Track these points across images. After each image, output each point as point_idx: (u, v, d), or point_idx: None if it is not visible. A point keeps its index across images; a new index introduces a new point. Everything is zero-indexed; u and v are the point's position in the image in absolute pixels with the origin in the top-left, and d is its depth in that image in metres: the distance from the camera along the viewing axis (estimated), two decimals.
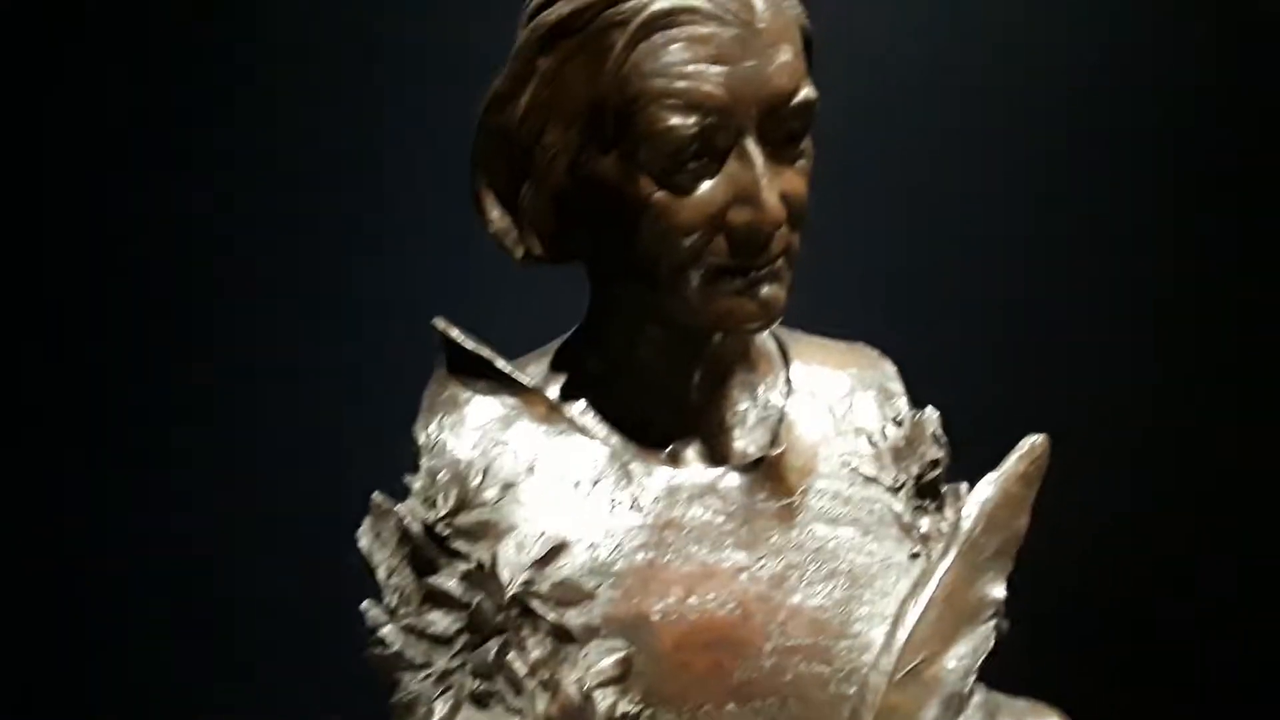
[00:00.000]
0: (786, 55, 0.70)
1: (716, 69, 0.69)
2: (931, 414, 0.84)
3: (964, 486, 0.81)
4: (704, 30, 0.69)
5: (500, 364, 0.81)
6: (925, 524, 0.80)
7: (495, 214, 0.79)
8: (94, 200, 1.40)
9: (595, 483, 0.78)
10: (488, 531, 0.75)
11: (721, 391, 0.82)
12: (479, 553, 0.74)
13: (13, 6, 1.37)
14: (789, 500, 0.79)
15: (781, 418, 0.82)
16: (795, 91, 0.71)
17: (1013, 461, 0.80)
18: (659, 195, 0.71)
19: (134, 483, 1.42)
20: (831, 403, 0.84)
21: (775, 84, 0.70)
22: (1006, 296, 1.48)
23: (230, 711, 1.33)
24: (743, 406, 0.83)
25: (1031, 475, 0.81)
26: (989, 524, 0.79)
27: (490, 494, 0.76)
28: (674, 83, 0.69)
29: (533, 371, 0.82)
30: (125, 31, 1.39)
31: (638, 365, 0.80)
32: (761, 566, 0.76)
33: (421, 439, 0.79)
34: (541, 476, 0.78)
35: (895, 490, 0.81)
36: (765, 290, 0.73)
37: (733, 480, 0.79)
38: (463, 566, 0.74)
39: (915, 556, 0.79)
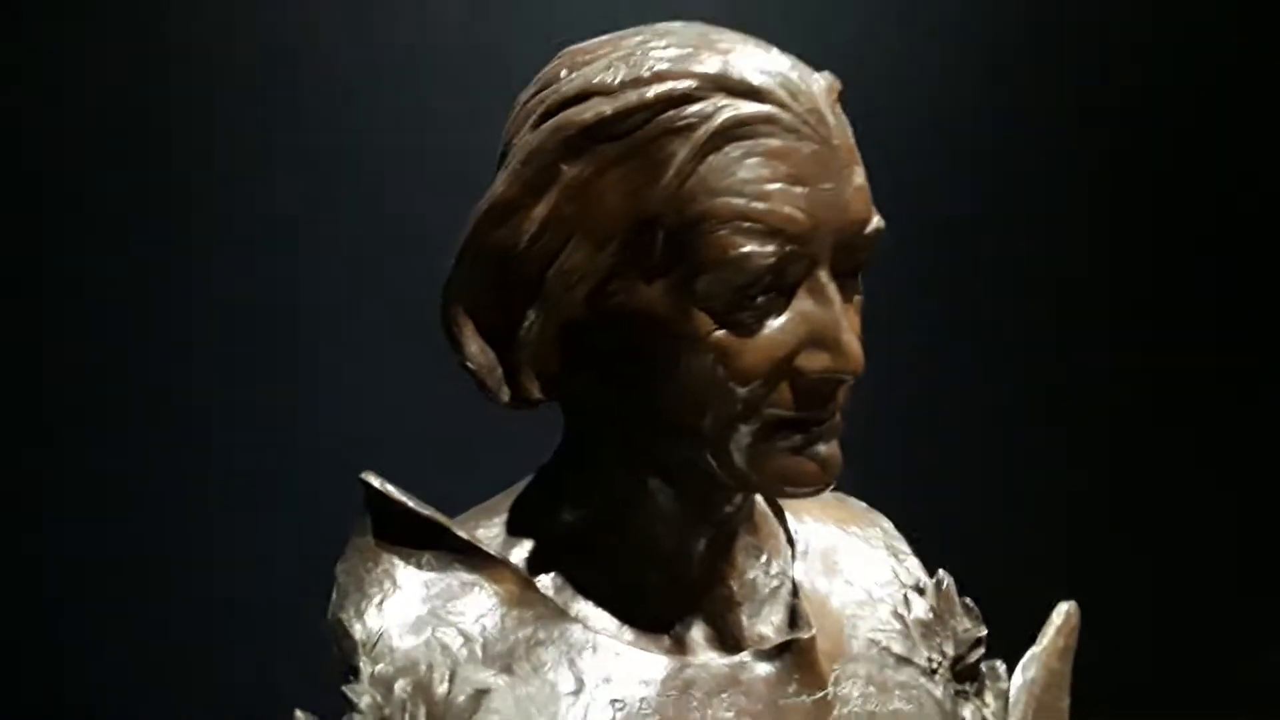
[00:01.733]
0: (860, 178, 0.62)
1: (798, 190, 0.59)
2: (951, 581, 0.75)
3: (1000, 665, 0.73)
4: (782, 144, 0.59)
5: (461, 533, 0.67)
6: (968, 712, 0.70)
7: (475, 348, 0.65)
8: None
9: (590, 681, 0.64)
10: None
11: (727, 559, 0.69)
12: None
13: None
14: (823, 693, 0.67)
15: (796, 589, 0.71)
16: (869, 219, 0.62)
17: (1051, 636, 0.73)
18: (719, 335, 0.60)
19: None
20: (844, 568, 0.74)
21: (853, 210, 0.61)
22: None
23: None
24: (750, 575, 0.70)
25: (1069, 648, 0.74)
26: (1038, 708, 0.71)
27: (461, 705, 0.62)
28: (752, 203, 0.59)
29: (483, 535, 0.68)
30: None
31: (632, 527, 0.67)
32: None
33: (357, 632, 0.63)
34: (521, 677, 0.63)
35: (931, 673, 0.71)
36: (824, 448, 0.63)
37: (756, 670, 0.66)
38: None
39: None
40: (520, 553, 0.68)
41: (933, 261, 1.68)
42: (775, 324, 0.60)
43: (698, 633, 0.67)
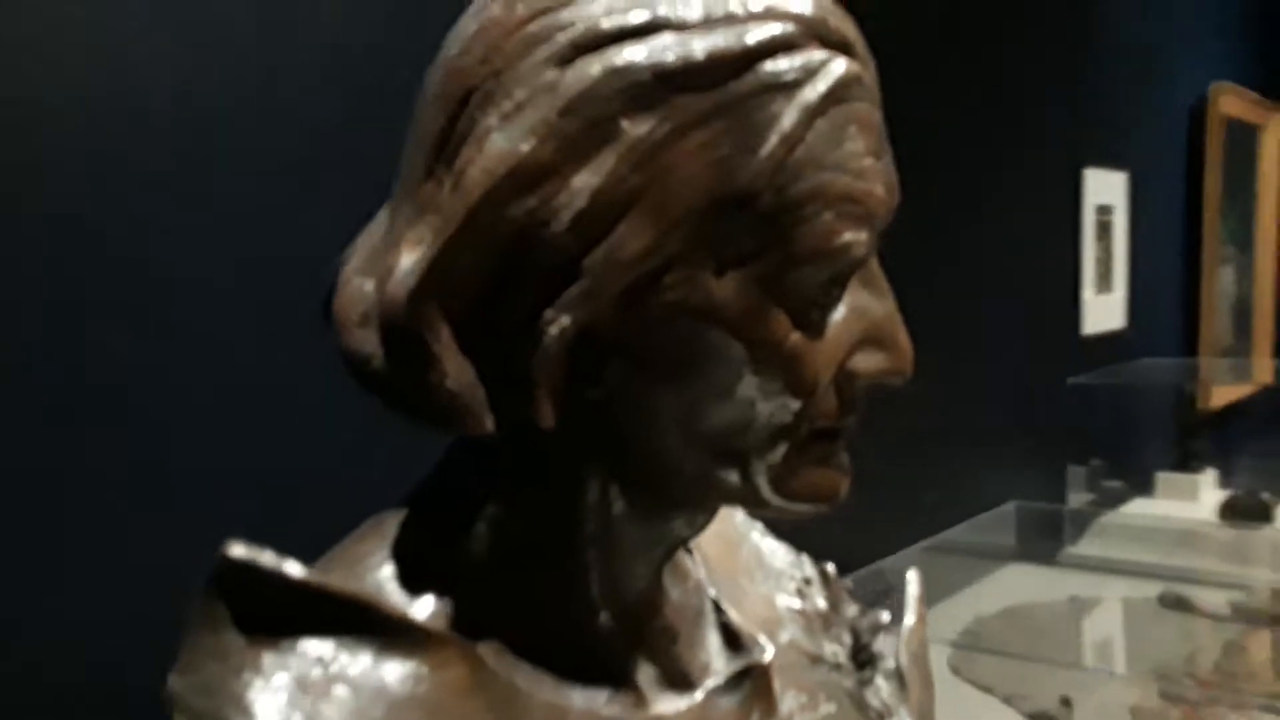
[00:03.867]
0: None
1: (880, 165, 0.50)
2: (834, 569, 0.72)
3: (885, 646, 0.71)
4: (866, 110, 0.49)
5: (391, 610, 0.50)
6: (874, 698, 0.68)
7: (454, 365, 0.47)
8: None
9: None
10: None
11: (658, 583, 0.58)
12: None
13: None
14: (778, 717, 0.59)
15: (718, 605, 0.62)
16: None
17: (915, 606, 0.73)
18: (794, 339, 0.49)
19: None
20: (741, 568, 0.66)
21: (897, 186, 0.52)
22: None
23: None
24: (675, 597, 0.59)
25: (925, 614, 0.74)
26: (924, 681, 0.71)
27: None
28: (855, 183, 0.48)
29: (350, 586, 0.51)
30: None
31: (583, 566, 0.54)
32: None
33: None
34: None
35: (838, 667, 0.67)
36: (845, 455, 0.54)
37: (720, 707, 0.57)
38: None
39: None
40: (433, 615, 0.52)
41: None
42: (835, 322, 0.51)
43: (647, 674, 0.57)
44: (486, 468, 0.54)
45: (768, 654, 0.59)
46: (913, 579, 0.73)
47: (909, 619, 0.71)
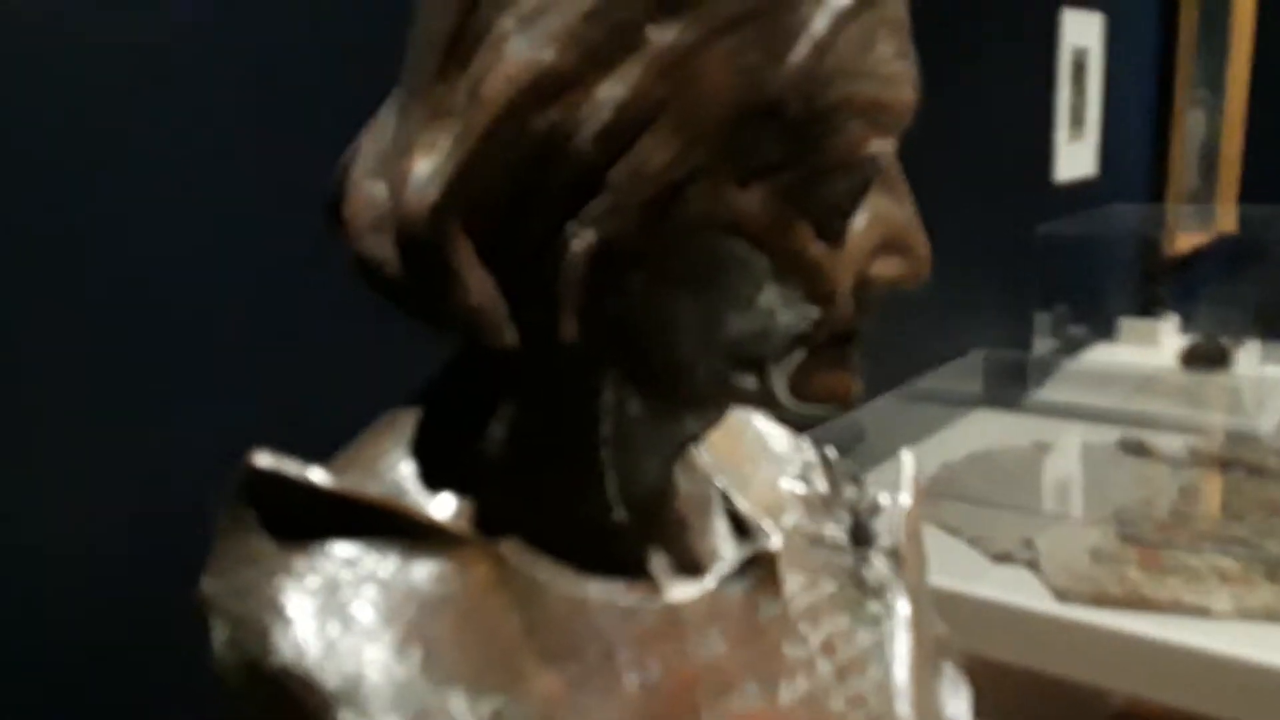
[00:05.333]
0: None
1: (908, 67, 0.48)
2: (834, 451, 0.73)
3: (876, 525, 0.73)
4: (894, 11, 0.48)
5: (416, 514, 0.51)
6: (870, 576, 0.70)
7: (476, 279, 0.47)
8: None
9: (593, 659, 0.53)
10: None
11: (669, 476, 0.60)
12: None
13: None
14: (782, 599, 0.62)
15: (725, 494, 0.63)
16: None
17: (911, 485, 0.74)
18: (815, 250, 0.48)
19: None
20: (744, 455, 0.67)
21: (918, 86, 0.50)
22: None
23: None
24: (684, 487, 0.61)
25: (920, 492, 0.76)
26: (915, 559, 0.73)
27: None
28: (884, 89, 0.47)
29: (370, 488, 0.52)
30: None
31: (598, 463, 0.55)
32: (790, 693, 0.60)
33: (328, 681, 0.46)
34: (528, 679, 0.51)
35: (838, 547, 0.70)
36: (856, 358, 0.54)
37: (731, 592, 0.59)
38: None
39: (878, 617, 0.69)
40: (454, 513, 0.53)
41: None
42: (855, 229, 0.50)
43: (660, 563, 0.59)
44: (502, 370, 0.54)
45: (774, 541, 0.61)
46: (908, 460, 0.75)
47: (905, 499, 0.73)
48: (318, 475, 0.50)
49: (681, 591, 0.58)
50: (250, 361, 1.02)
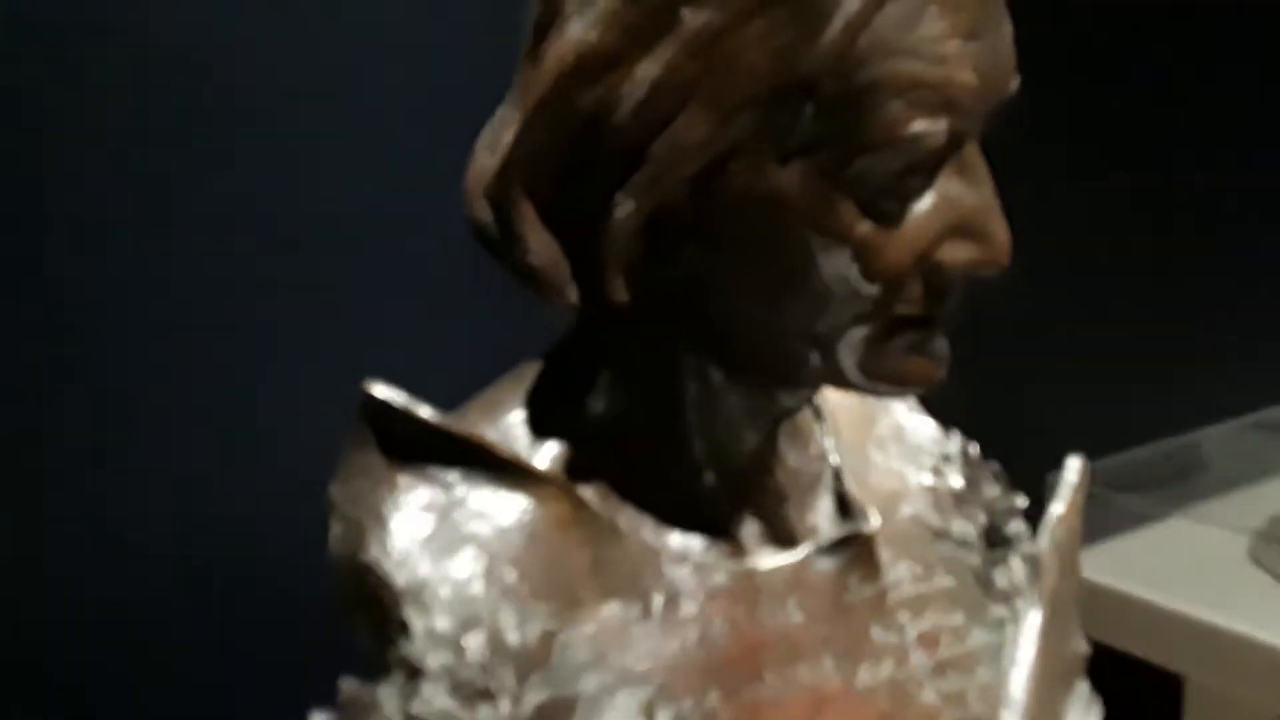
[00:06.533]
0: (1009, 26, 0.50)
1: (972, 47, 0.48)
2: (977, 448, 0.72)
3: (1023, 528, 0.72)
4: None
5: (498, 449, 0.57)
6: (1002, 579, 0.69)
7: (537, 239, 0.52)
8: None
9: (656, 602, 0.57)
10: (555, 713, 0.53)
11: (773, 449, 0.62)
12: None
13: None
14: (880, 584, 0.63)
15: (838, 473, 0.65)
16: (1015, 76, 0.51)
17: (1070, 494, 0.72)
18: (863, 229, 0.49)
19: None
20: (875, 440, 0.68)
21: (1008, 67, 0.50)
22: None
23: None
24: (793, 462, 0.63)
25: (1082, 505, 0.73)
26: (1064, 570, 0.71)
27: (535, 651, 0.54)
28: (931, 68, 0.47)
29: (496, 438, 0.58)
30: None
31: (687, 426, 0.58)
32: (872, 675, 0.61)
33: (398, 579, 0.54)
34: (588, 609, 0.56)
35: (965, 544, 0.69)
36: (940, 343, 0.54)
37: (818, 567, 0.61)
38: None
39: (1001, 621, 0.68)
40: (552, 459, 0.58)
41: None
42: (919, 211, 0.50)
43: (751, 531, 0.61)
44: (605, 335, 0.59)
45: (873, 523, 0.62)
46: (1073, 466, 0.72)
47: (1057, 507, 0.70)
48: (422, 410, 0.57)
49: (767, 559, 0.60)
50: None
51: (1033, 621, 0.67)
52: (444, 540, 0.55)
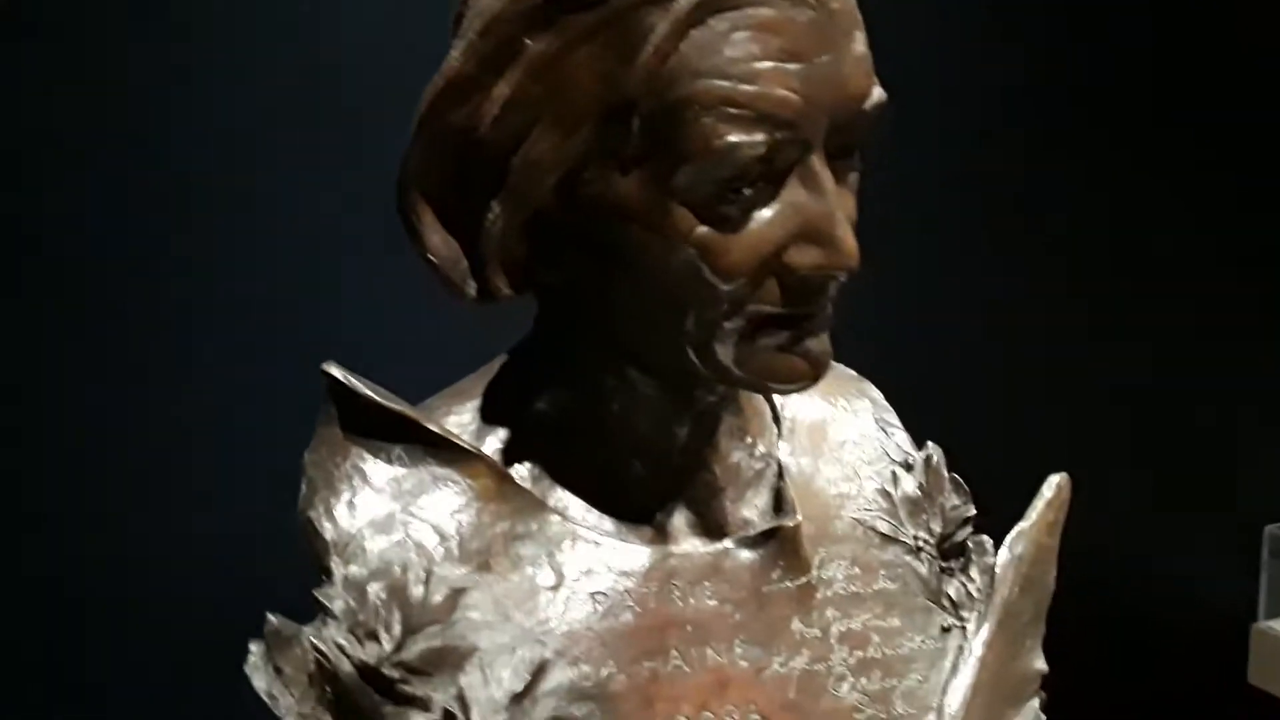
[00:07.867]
0: (862, 45, 0.55)
1: (792, 67, 0.52)
2: (939, 454, 0.70)
3: (987, 540, 0.69)
4: (774, 14, 0.52)
5: (431, 426, 0.63)
6: (954, 588, 0.68)
7: (436, 239, 0.59)
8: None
9: (570, 574, 0.61)
10: (444, 661, 0.58)
11: (710, 443, 0.65)
12: (440, 695, 0.58)
13: None
14: (805, 578, 0.64)
15: (781, 471, 0.67)
16: (870, 93, 0.55)
17: (1041, 509, 0.70)
18: (700, 231, 0.54)
19: None
20: (831, 445, 0.70)
21: (852, 85, 0.54)
22: None
23: None
24: (734, 458, 0.66)
25: (1058, 522, 0.70)
26: (1024, 584, 0.68)
27: (438, 606, 0.59)
28: (740, 86, 0.52)
29: (454, 422, 0.64)
30: None
31: (612, 416, 0.63)
32: (784, 665, 0.63)
33: (328, 531, 0.61)
34: (499, 574, 0.60)
35: (916, 551, 0.68)
36: (813, 343, 0.58)
37: (739, 557, 0.64)
38: (421, 718, 0.58)
39: (948, 630, 0.67)
40: (495, 442, 0.64)
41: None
42: (763, 216, 0.55)
43: (680, 520, 0.64)
44: (551, 332, 0.65)
45: (795, 519, 0.64)
46: (1050, 483, 0.71)
47: (1023, 522, 0.69)
48: (365, 390, 0.62)
49: (689, 546, 0.63)
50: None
51: (981, 634, 0.67)
52: (377, 504, 0.61)
